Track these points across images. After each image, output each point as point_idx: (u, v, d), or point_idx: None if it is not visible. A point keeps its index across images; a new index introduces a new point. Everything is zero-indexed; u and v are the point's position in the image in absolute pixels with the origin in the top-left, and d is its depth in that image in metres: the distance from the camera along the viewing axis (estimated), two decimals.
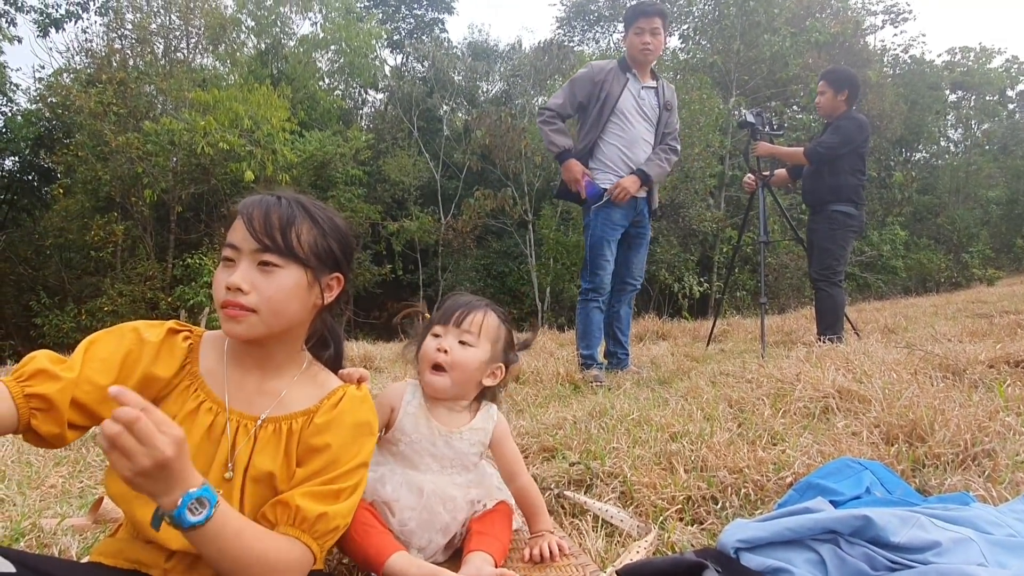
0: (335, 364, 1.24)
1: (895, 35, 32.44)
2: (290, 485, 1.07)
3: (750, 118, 4.52)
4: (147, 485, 0.82)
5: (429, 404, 1.40)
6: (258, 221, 1.04)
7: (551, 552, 1.37)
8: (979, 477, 1.63)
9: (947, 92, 20.75)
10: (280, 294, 1.04)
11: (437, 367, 1.36)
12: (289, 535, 1.01)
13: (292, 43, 18.34)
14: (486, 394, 1.47)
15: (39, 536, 1.58)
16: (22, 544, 1.54)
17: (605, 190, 3.69)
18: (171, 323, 1.14)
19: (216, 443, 1.07)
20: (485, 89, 20.92)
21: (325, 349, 1.24)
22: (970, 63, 20.95)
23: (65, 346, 12.03)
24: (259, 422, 1.09)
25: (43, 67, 21.57)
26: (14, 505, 1.85)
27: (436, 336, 1.40)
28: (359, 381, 1.20)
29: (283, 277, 1.04)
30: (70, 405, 0.99)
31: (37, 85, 16.46)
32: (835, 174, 4.12)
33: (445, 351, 1.36)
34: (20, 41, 15.12)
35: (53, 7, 15.63)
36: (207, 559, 0.94)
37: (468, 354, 1.37)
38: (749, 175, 4.62)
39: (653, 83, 3.84)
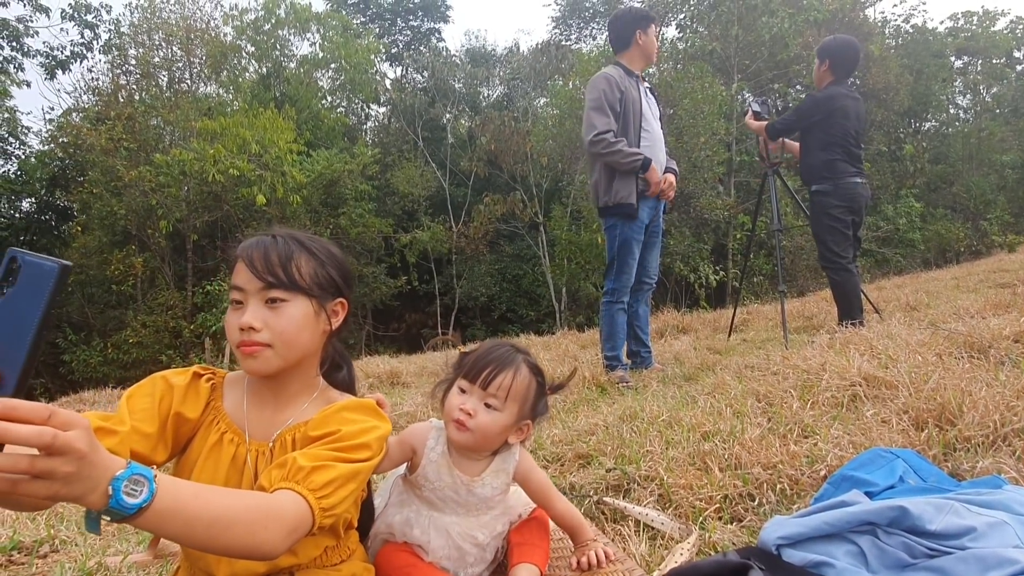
0: (349, 385, 1.30)
1: (895, 5, 32.07)
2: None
3: (756, 107, 4.52)
4: (71, 493, 0.70)
5: (451, 453, 1.39)
6: (259, 261, 1.09)
7: (598, 559, 1.41)
8: (1010, 457, 1.65)
9: (952, 59, 20.51)
10: (291, 326, 1.09)
11: (460, 423, 1.33)
12: (281, 488, 0.96)
13: (292, 65, 18.58)
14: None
15: (106, 574, 1.65)
16: None
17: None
18: (195, 367, 1.21)
19: (240, 472, 1.13)
20: (486, 94, 21.03)
21: (339, 371, 1.30)
22: (974, 27, 20.66)
23: (94, 380, 12.28)
24: (270, 444, 1.15)
25: (52, 108, 22.01)
26: (76, 546, 1.92)
27: (462, 392, 1.35)
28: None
29: (291, 310, 1.09)
30: (129, 456, 1.05)
31: (48, 126, 16.95)
32: (807, 154, 4.09)
33: (469, 413, 1.32)
34: (29, 85, 15.52)
35: (58, 49, 16.01)
36: (182, 541, 0.85)
37: (491, 419, 1.33)
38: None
39: (647, 83, 3.93)
